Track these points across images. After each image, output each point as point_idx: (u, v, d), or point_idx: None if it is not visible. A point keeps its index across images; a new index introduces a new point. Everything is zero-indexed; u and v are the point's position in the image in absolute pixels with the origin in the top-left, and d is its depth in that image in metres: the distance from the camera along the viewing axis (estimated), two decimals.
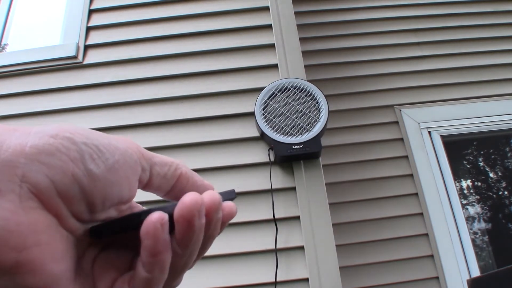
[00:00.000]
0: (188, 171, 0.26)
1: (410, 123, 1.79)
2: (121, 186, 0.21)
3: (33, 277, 0.17)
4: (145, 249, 0.19)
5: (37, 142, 0.19)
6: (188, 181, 0.25)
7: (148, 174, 0.23)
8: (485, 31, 2.06)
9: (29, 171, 0.18)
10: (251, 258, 1.10)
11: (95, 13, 1.54)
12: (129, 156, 0.22)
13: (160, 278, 0.20)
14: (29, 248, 0.17)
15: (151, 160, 0.23)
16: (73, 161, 0.19)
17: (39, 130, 0.19)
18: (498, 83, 1.93)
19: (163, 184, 0.24)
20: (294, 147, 1.15)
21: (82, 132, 0.21)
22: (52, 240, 0.18)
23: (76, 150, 0.20)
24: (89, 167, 0.20)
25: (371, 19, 2.06)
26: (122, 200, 0.22)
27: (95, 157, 0.20)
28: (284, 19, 1.43)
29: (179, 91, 1.34)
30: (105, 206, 0.21)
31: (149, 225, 0.19)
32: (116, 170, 0.21)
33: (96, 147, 0.20)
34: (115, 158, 0.21)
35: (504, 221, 1.84)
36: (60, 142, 0.19)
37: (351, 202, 1.64)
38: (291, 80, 1.24)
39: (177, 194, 0.25)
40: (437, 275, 1.50)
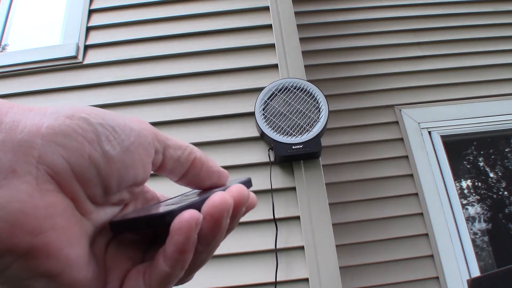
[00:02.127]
0: (203, 156, 0.25)
1: (410, 123, 1.79)
2: (136, 168, 0.21)
3: (48, 262, 0.17)
4: (173, 245, 0.19)
5: (53, 123, 0.18)
6: (202, 166, 0.25)
7: (162, 156, 0.23)
8: (485, 31, 2.06)
9: (45, 153, 0.18)
10: (251, 258, 1.10)
11: (95, 13, 1.54)
12: (144, 137, 0.21)
13: (178, 275, 0.20)
14: (45, 232, 0.17)
15: (165, 142, 0.23)
16: (89, 143, 0.19)
17: (54, 111, 0.19)
18: (498, 83, 1.93)
19: (176, 168, 0.24)
20: (294, 147, 1.15)
21: (98, 112, 0.20)
22: (68, 224, 0.18)
23: (92, 131, 0.19)
24: (105, 148, 0.19)
25: (371, 19, 2.06)
26: (136, 182, 0.21)
27: (111, 138, 0.20)
28: (284, 19, 1.43)
29: (179, 91, 1.34)
30: (120, 188, 0.21)
31: (182, 222, 0.19)
32: (131, 152, 0.21)
33: (112, 128, 0.20)
34: (131, 140, 0.21)
35: (504, 221, 1.84)
36: (76, 123, 0.19)
37: (351, 202, 1.64)
38: (291, 80, 1.24)
39: (191, 179, 0.25)
40: (437, 275, 1.50)
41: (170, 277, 0.20)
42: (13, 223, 0.16)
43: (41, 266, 0.17)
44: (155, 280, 0.20)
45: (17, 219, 0.16)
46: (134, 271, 0.21)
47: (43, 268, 0.17)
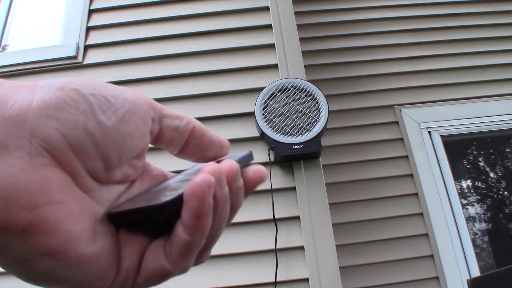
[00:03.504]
0: (201, 126, 0.25)
1: (410, 123, 1.80)
2: (133, 138, 0.20)
3: (47, 238, 0.16)
4: (189, 211, 0.18)
5: (44, 96, 0.18)
6: (202, 136, 0.24)
7: (158, 126, 0.22)
8: (485, 31, 2.06)
9: (38, 126, 0.17)
10: (251, 258, 1.10)
11: (95, 13, 1.54)
12: (139, 106, 0.21)
13: (199, 243, 0.20)
14: (41, 207, 0.16)
15: (161, 111, 0.23)
16: (82, 114, 0.18)
17: (45, 84, 0.19)
18: (498, 83, 1.93)
19: (175, 138, 0.23)
20: (294, 147, 1.15)
21: (89, 83, 0.20)
22: (67, 199, 0.17)
23: (85, 102, 0.19)
24: (99, 118, 0.19)
25: (371, 19, 2.06)
26: (136, 152, 0.21)
27: (105, 108, 0.19)
28: (284, 19, 1.43)
29: (179, 91, 1.34)
30: (120, 161, 0.20)
31: (195, 186, 0.18)
32: (127, 121, 0.20)
33: (104, 98, 0.19)
34: (125, 109, 0.20)
35: (504, 221, 1.84)
36: (67, 95, 0.18)
37: (351, 202, 1.64)
38: (291, 80, 1.24)
39: (192, 151, 0.24)
40: (437, 275, 1.50)
41: (191, 246, 0.19)
42: (5, 198, 0.16)
43: (42, 244, 0.16)
44: (176, 251, 0.19)
45: (9, 195, 0.16)
46: (154, 244, 0.20)
47: (44, 245, 0.16)
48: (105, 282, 0.19)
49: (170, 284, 1.04)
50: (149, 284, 0.21)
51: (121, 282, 0.20)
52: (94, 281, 0.18)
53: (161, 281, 0.21)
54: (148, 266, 0.20)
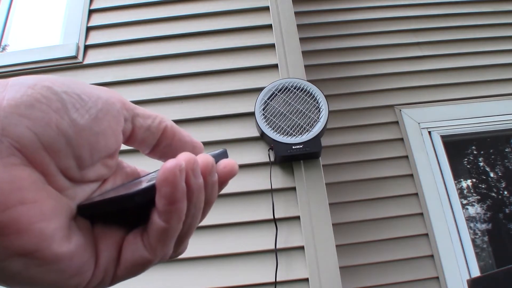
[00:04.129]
0: (174, 126, 0.24)
1: (410, 123, 1.79)
2: (106, 137, 0.20)
3: (20, 238, 0.16)
4: (163, 197, 0.18)
5: (15, 95, 0.17)
6: (174, 136, 0.24)
7: (131, 125, 0.22)
8: (485, 31, 2.06)
9: (9, 125, 0.17)
10: (251, 258, 1.10)
11: (95, 13, 1.54)
12: (112, 104, 0.21)
13: (177, 228, 0.20)
14: (12, 207, 0.16)
15: (133, 111, 0.22)
16: (55, 112, 0.18)
17: (15, 82, 0.18)
18: (498, 83, 1.93)
19: (147, 138, 0.23)
20: (294, 147, 1.15)
21: (62, 80, 0.19)
22: (39, 197, 0.17)
23: (58, 100, 0.18)
24: (72, 116, 0.18)
25: (371, 19, 2.06)
26: (109, 152, 0.21)
27: (78, 106, 0.19)
28: (284, 19, 1.43)
29: (179, 91, 1.34)
30: (93, 160, 0.20)
31: (167, 172, 0.18)
32: (100, 119, 0.20)
33: (78, 96, 0.19)
34: (99, 107, 0.20)
35: (504, 221, 1.84)
36: (39, 92, 0.18)
37: (351, 202, 1.64)
38: (291, 80, 1.24)
39: (163, 151, 0.24)
40: (437, 275, 1.50)
41: (169, 232, 0.19)
42: None
43: (14, 244, 0.16)
44: (154, 238, 0.19)
45: None
46: (131, 235, 0.20)
47: (16, 245, 0.16)
48: (83, 279, 0.19)
49: (170, 284, 1.05)
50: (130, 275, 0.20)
51: (100, 277, 0.20)
52: (70, 278, 0.18)
53: (142, 271, 0.21)
54: (128, 257, 0.20)
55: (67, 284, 0.18)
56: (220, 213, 1.15)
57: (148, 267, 0.20)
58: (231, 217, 1.14)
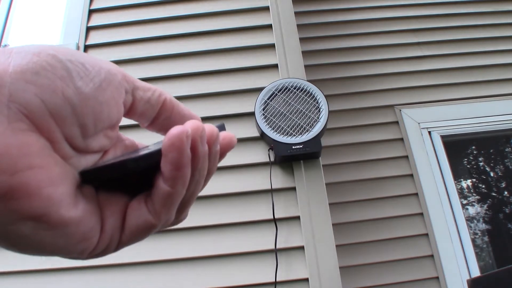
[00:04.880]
0: (173, 99, 0.25)
1: (410, 123, 1.80)
2: (109, 106, 0.20)
3: (29, 201, 0.16)
4: (169, 163, 0.19)
5: (20, 61, 0.17)
6: (173, 109, 0.24)
7: (131, 97, 0.22)
8: (485, 31, 2.06)
9: (16, 91, 0.17)
10: (251, 258, 1.10)
11: (95, 13, 1.54)
12: (114, 75, 0.21)
13: (181, 193, 0.20)
14: (21, 171, 0.16)
15: (133, 83, 0.23)
16: (61, 79, 0.18)
17: (20, 50, 0.18)
18: (498, 83, 1.93)
19: (147, 110, 0.23)
20: (294, 147, 1.15)
21: (66, 49, 0.19)
22: (47, 163, 0.17)
23: (63, 68, 0.18)
24: (77, 84, 0.19)
25: (371, 19, 2.06)
26: (112, 122, 0.21)
27: (83, 75, 0.19)
28: (284, 19, 1.43)
29: (179, 91, 1.34)
30: (96, 129, 0.20)
31: (174, 137, 0.18)
32: (104, 89, 0.20)
33: (82, 65, 0.19)
34: (102, 77, 0.20)
35: (504, 221, 1.84)
36: (44, 60, 0.18)
37: (351, 202, 1.64)
38: (291, 80, 1.24)
39: (162, 123, 0.25)
40: (437, 275, 1.50)
41: (174, 197, 0.20)
42: None
43: (24, 208, 0.16)
44: (159, 203, 0.20)
45: None
46: (135, 201, 0.21)
47: (26, 209, 0.16)
48: (89, 244, 0.19)
49: (170, 283, 1.05)
50: (135, 239, 0.21)
51: (106, 242, 0.20)
52: (77, 243, 0.19)
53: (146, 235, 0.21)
54: (132, 222, 0.20)
55: (73, 249, 0.19)
56: (220, 213, 1.15)
57: (152, 231, 0.21)
58: (231, 217, 1.14)
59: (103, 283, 1.08)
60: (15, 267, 1.09)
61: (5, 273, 1.10)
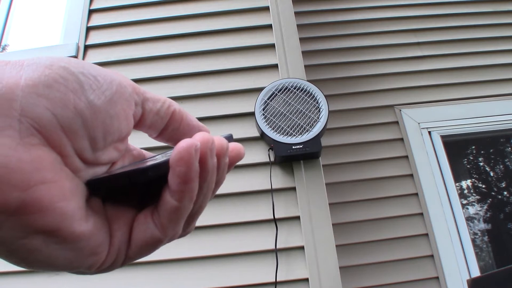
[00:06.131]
0: (182, 110, 0.25)
1: (410, 123, 1.80)
2: (119, 120, 0.20)
3: (42, 216, 0.16)
4: (177, 176, 0.19)
5: (32, 74, 0.17)
6: (182, 120, 0.24)
7: (141, 109, 0.22)
8: (485, 31, 2.06)
9: (28, 105, 0.17)
10: (251, 258, 1.10)
11: (95, 13, 1.54)
12: (124, 88, 0.21)
13: (188, 207, 0.20)
14: (34, 186, 0.16)
15: (143, 95, 0.22)
16: (73, 92, 0.18)
17: (32, 62, 0.18)
18: (498, 83, 1.93)
19: (156, 122, 0.23)
20: (294, 147, 1.15)
21: (77, 61, 0.19)
22: (59, 178, 0.17)
23: (75, 81, 0.18)
24: (90, 97, 0.18)
25: (371, 19, 2.06)
26: (121, 135, 0.21)
27: (95, 87, 0.19)
28: (284, 19, 1.43)
29: (179, 91, 1.34)
30: (106, 143, 0.20)
31: (182, 151, 0.18)
32: (115, 102, 0.20)
33: (94, 78, 0.19)
34: (113, 90, 0.20)
35: (504, 221, 1.84)
36: (56, 73, 0.18)
37: (351, 202, 1.64)
38: (291, 80, 1.24)
39: (170, 134, 0.24)
40: (437, 275, 1.50)
41: (181, 211, 0.20)
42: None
43: (36, 222, 0.16)
44: (165, 217, 0.20)
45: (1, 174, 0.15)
46: (141, 215, 0.20)
47: (38, 223, 0.16)
48: (98, 258, 0.19)
49: (170, 283, 1.05)
50: (141, 254, 0.21)
51: (113, 257, 0.20)
52: (86, 258, 0.19)
53: (153, 250, 0.21)
54: (139, 237, 0.20)
55: (82, 264, 0.19)
56: (220, 213, 1.15)
57: (159, 246, 0.21)
58: (231, 217, 1.14)
59: (103, 283, 1.08)
60: (15, 267, 1.09)
61: (5, 273, 1.10)
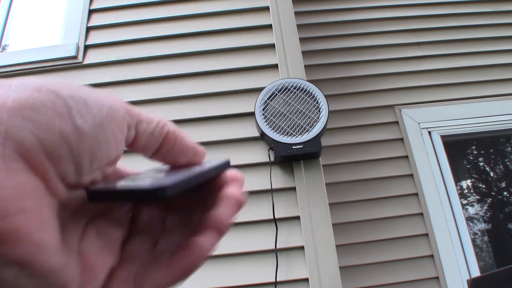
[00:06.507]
0: (176, 130, 0.24)
1: (410, 123, 1.79)
2: (108, 144, 0.20)
3: (18, 247, 0.16)
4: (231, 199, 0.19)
5: (20, 96, 0.17)
6: (176, 140, 0.24)
7: (134, 131, 0.22)
8: (485, 31, 2.06)
9: (12, 128, 0.16)
10: (251, 258, 1.10)
11: (95, 13, 1.54)
12: (116, 111, 0.20)
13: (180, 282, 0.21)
14: (13, 215, 0.15)
15: (137, 117, 0.22)
16: (60, 117, 0.17)
17: (20, 83, 0.18)
18: (498, 83, 1.93)
19: (150, 143, 0.23)
20: (294, 147, 1.15)
21: (68, 85, 0.19)
22: (39, 206, 0.17)
23: (63, 105, 0.18)
24: (77, 123, 0.18)
25: (371, 19, 2.06)
26: (109, 159, 0.20)
27: (83, 112, 0.18)
28: (284, 19, 1.43)
29: (179, 91, 1.34)
30: (92, 167, 0.19)
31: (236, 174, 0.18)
32: (104, 127, 0.19)
33: (83, 102, 0.19)
34: (103, 114, 0.19)
35: (504, 221, 1.84)
36: (45, 96, 0.17)
37: (351, 202, 1.64)
38: (291, 80, 1.24)
39: (164, 155, 0.24)
40: (437, 275, 1.50)
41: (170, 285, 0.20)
42: None
43: (12, 253, 0.16)
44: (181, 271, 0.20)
45: None
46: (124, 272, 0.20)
47: (14, 254, 0.16)
48: None
49: None
50: None
51: None
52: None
53: None
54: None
55: None
56: None
57: None
58: None
59: None
60: None
61: None
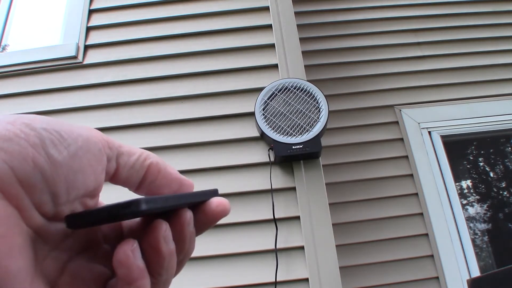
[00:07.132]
0: (160, 162, 0.24)
1: (410, 123, 1.79)
2: (85, 175, 0.20)
3: None
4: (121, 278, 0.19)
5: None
6: (159, 173, 0.24)
7: (115, 164, 0.22)
8: (485, 31, 2.06)
9: None
10: (251, 258, 1.10)
11: (95, 13, 1.54)
12: (93, 143, 0.21)
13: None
14: None
15: (118, 149, 0.22)
16: (32, 147, 0.18)
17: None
18: (498, 83, 1.93)
19: (131, 176, 0.23)
20: (294, 147, 1.15)
21: (42, 118, 0.19)
22: (10, 232, 0.17)
23: (36, 135, 0.18)
24: (50, 152, 0.18)
25: (371, 19, 2.06)
26: (87, 190, 0.20)
27: (57, 142, 0.19)
28: (284, 19, 1.43)
29: (179, 91, 1.34)
30: (69, 197, 0.19)
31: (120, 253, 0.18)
32: (80, 157, 0.19)
33: (57, 133, 0.19)
34: (78, 145, 0.20)
35: (504, 221, 1.84)
36: (18, 128, 0.18)
37: (351, 202, 1.64)
38: (291, 80, 1.24)
39: (148, 187, 0.24)
40: (437, 275, 1.50)
41: None
42: None
43: None
44: None
45: None
46: None
47: None
48: None
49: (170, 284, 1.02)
50: None
51: None
52: None
53: None
54: None
55: None
56: None
57: None
58: (231, 217, 1.14)
59: None
60: None
61: None
